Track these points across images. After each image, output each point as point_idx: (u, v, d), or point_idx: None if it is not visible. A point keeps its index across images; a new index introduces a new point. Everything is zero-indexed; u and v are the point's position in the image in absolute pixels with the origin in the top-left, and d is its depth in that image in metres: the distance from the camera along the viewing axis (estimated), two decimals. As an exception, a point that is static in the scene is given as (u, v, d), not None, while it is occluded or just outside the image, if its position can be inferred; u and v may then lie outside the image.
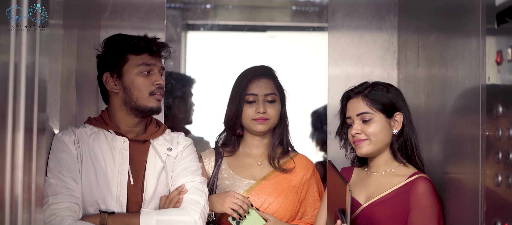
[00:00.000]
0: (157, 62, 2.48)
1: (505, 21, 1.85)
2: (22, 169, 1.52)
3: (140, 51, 2.45)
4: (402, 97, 2.54)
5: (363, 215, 2.44)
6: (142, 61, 2.44)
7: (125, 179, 2.40)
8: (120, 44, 2.47)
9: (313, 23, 3.99)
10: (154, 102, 2.45)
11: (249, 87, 2.78)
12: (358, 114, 2.47)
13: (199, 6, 4.04)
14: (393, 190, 2.43)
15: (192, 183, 2.46)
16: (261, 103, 2.75)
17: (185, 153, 2.55)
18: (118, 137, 2.45)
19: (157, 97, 2.46)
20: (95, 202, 2.38)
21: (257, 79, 2.79)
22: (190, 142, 2.60)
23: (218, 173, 2.79)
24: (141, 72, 2.43)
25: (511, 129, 1.80)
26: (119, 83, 2.44)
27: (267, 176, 2.77)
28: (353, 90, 2.53)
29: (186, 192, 2.42)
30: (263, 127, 2.76)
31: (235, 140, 2.85)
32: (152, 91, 2.44)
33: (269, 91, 2.78)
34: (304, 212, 2.78)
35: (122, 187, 2.40)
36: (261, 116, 2.74)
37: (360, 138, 2.46)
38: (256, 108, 2.75)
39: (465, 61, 2.25)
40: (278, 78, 2.85)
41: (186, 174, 2.48)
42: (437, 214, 2.37)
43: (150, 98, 2.44)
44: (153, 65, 2.46)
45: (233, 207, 2.56)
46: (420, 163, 2.50)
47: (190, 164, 2.53)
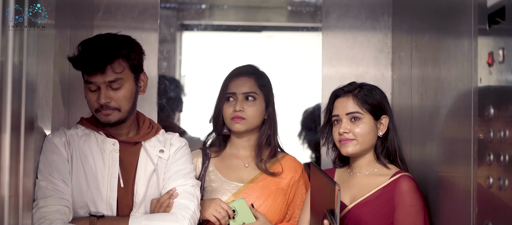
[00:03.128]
0: (98, 76, 2.31)
1: (497, 22, 1.84)
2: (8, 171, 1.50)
3: (79, 69, 2.38)
4: (387, 101, 2.55)
5: (350, 216, 2.43)
6: (86, 78, 2.37)
7: (115, 181, 2.39)
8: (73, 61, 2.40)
9: (307, 23, 3.98)
10: (102, 118, 2.36)
11: (228, 85, 2.77)
12: (347, 113, 2.46)
13: (194, 6, 4.03)
14: (378, 190, 2.43)
15: (184, 187, 2.43)
16: (238, 102, 2.73)
17: (178, 154, 2.52)
18: (108, 139, 2.43)
19: (104, 113, 2.35)
20: (85, 205, 2.37)
21: (237, 78, 2.77)
22: (184, 143, 2.57)
23: (206, 175, 2.76)
24: (89, 89, 2.36)
25: (502, 130, 1.79)
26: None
27: (255, 179, 2.76)
28: (343, 89, 2.52)
29: (176, 196, 2.40)
30: (240, 126, 2.73)
31: (221, 140, 2.83)
32: (96, 109, 2.36)
33: (247, 90, 2.75)
34: (292, 214, 2.76)
35: (112, 190, 2.38)
36: (238, 114, 2.72)
37: (347, 138, 2.45)
38: (233, 107, 2.74)
39: (457, 62, 2.24)
40: (264, 78, 2.82)
41: (177, 177, 2.45)
42: (422, 211, 2.37)
43: (98, 114, 2.37)
44: (94, 78, 2.32)
45: (216, 216, 2.57)
46: (402, 165, 2.50)
47: (183, 166, 2.50)
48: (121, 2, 3.35)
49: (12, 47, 1.55)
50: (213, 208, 2.58)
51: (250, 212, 2.63)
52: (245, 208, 2.63)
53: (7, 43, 1.55)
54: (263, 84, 2.79)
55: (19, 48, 1.62)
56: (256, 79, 2.78)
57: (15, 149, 1.56)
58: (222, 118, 2.77)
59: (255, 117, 2.74)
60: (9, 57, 1.54)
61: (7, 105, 1.53)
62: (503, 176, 1.78)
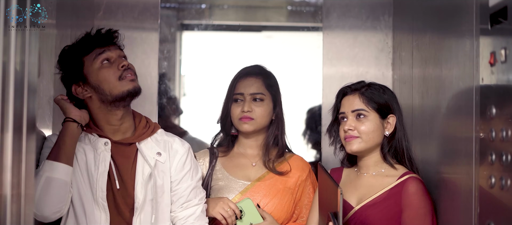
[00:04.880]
0: (112, 49, 2.42)
1: (499, 21, 1.84)
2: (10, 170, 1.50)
3: (91, 49, 2.40)
4: (396, 101, 2.54)
5: (356, 218, 2.42)
6: (95, 54, 2.39)
7: (104, 181, 2.37)
8: (70, 53, 2.44)
9: (308, 23, 3.98)
10: (127, 85, 2.38)
11: (236, 86, 2.78)
12: (353, 110, 2.46)
13: (194, 6, 4.02)
14: (385, 192, 2.42)
15: (198, 206, 2.52)
16: (246, 103, 2.74)
17: (186, 166, 2.51)
18: (100, 139, 2.42)
19: (129, 78, 2.39)
20: (81, 204, 2.37)
21: (244, 79, 2.78)
22: (188, 148, 2.55)
23: (213, 174, 2.77)
24: (101, 64, 2.39)
25: (504, 130, 1.79)
26: (87, 87, 2.40)
27: (262, 177, 2.76)
28: (350, 86, 2.53)
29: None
30: (248, 127, 2.74)
31: (229, 140, 2.84)
32: (119, 76, 2.38)
33: (255, 90, 2.76)
34: (299, 213, 2.76)
35: (101, 190, 2.36)
36: (246, 114, 2.73)
37: (352, 135, 2.45)
38: (241, 108, 2.74)
39: (459, 62, 2.24)
40: (271, 78, 2.83)
41: (191, 197, 2.50)
42: (430, 214, 2.37)
43: (122, 83, 2.37)
44: (109, 51, 2.40)
45: (223, 214, 2.57)
46: (410, 165, 2.49)
47: (192, 181, 2.51)
48: (121, 2, 3.35)
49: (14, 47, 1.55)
50: (220, 207, 2.58)
51: (257, 212, 2.63)
52: (252, 208, 2.62)
53: (9, 43, 1.54)
54: (270, 84, 2.81)
55: (20, 48, 1.62)
56: (263, 79, 2.80)
57: (17, 148, 1.56)
58: (230, 119, 2.78)
59: (263, 117, 2.75)
60: (11, 57, 1.54)
61: (9, 105, 1.52)
62: (505, 176, 1.78)
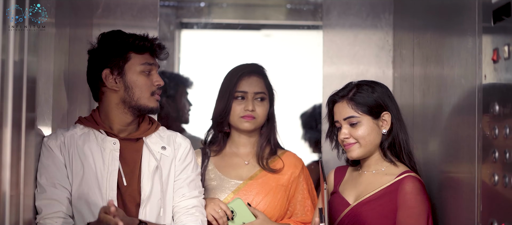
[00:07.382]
0: (156, 63, 2.50)
1: (502, 18, 1.84)
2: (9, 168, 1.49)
3: (143, 51, 2.44)
4: (389, 94, 2.51)
5: (351, 215, 2.43)
6: (144, 60, 2.44)
7: (114, 180, 2.37)
8: (121, 41, 2.44)
9: (307, 21, 3.98)
10: (154, 103, 2.47)
11: (239, 84, 2.76)
12: (344, 118, 2.45)
13: (193, 4, 4.02)
14: (381, 189, 2.41)
15: (198, 199, 2.52)
16: (250, 101, 2.74)
17: (188, 158, 2.54)
18: (108, 138, 2.42)
19: (156, 98, 2.48)
20: (87, 205, 2.35)
21: (248, 77, 2.77)
22: (189, 143, 2.59)
23: (205, 174, 2.76)
24: (143, 71, 2.44)
25: (507, 127, 1.78)
26: (120, 81, 2.42)
27: (254, 176, 2.75)
28: (338, 94, 2.50)
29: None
30: (250, 125, 2.74)
31: (222, 137, 2.83)
32: (153, 92, 2.46)
33: (259, 89, 2.76)
34: (293, 210, 2.76)
35: (111, 189, 2.36)
36: (249, 113, 2.73)
37: (350, 142, 2.44)
38: (245, 106, 2.74)
39: (461, 59, 2.23)
40: (268, 78, 2.83)
41: (191, 188, 2.51)
42: (425, 214, 2.34)
43: (151, 99, 2.45)
44: (154, 65, 2.47)
45: (214, 215, 2.58)
46: (408, 160, 2.47)
47: (191, 173, 2.53)
48: (120, 0, 3.34)
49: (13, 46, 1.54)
50: (211, 208, 2.59)
51: (249, 211, 2.63)
52: (243, 207, 2.62)
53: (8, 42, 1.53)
54: (269, 84, 2.82)
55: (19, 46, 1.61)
56: (264, 79, 2.81)
57: (16, 146, 1.55)
58: (228, 116, 2.77)
59: (263, 117, 2.77)
60: (10, 56, 1.53)
61: (8, 103, 1.52)
62: (508, 174, 1.77)
